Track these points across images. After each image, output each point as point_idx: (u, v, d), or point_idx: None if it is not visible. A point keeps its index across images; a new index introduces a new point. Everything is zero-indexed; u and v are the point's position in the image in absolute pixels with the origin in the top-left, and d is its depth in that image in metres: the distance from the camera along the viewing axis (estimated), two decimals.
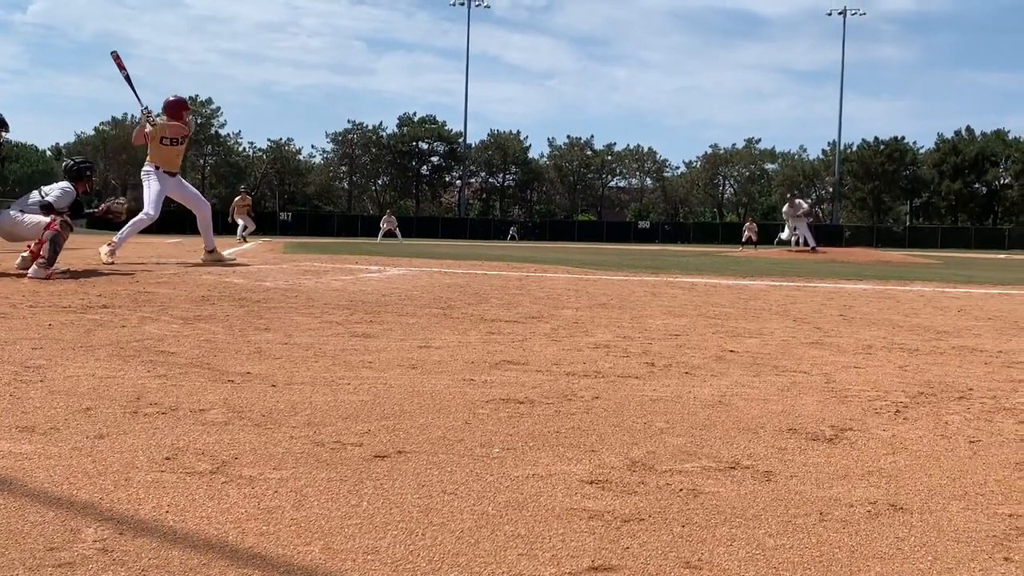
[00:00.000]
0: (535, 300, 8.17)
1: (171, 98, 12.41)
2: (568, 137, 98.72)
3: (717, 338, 5.69)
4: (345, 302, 7.41)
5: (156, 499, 2.25)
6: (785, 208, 29.25)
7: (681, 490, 2.43)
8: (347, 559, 1.90)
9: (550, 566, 1.88)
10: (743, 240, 43.99)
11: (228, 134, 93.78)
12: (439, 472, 2.55)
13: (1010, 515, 2.29)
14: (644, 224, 79.27)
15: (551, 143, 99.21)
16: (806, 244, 28.05)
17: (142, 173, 12.17)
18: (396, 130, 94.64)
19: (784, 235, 29.32)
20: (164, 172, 11.95)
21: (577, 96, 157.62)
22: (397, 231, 46.44)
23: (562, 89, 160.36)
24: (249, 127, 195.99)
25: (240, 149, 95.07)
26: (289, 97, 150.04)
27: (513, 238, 67.67)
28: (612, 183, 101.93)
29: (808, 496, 2.41)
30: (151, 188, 11.93)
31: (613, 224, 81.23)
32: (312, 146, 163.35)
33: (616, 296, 8.90)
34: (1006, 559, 1.99)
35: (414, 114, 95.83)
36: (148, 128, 11.73)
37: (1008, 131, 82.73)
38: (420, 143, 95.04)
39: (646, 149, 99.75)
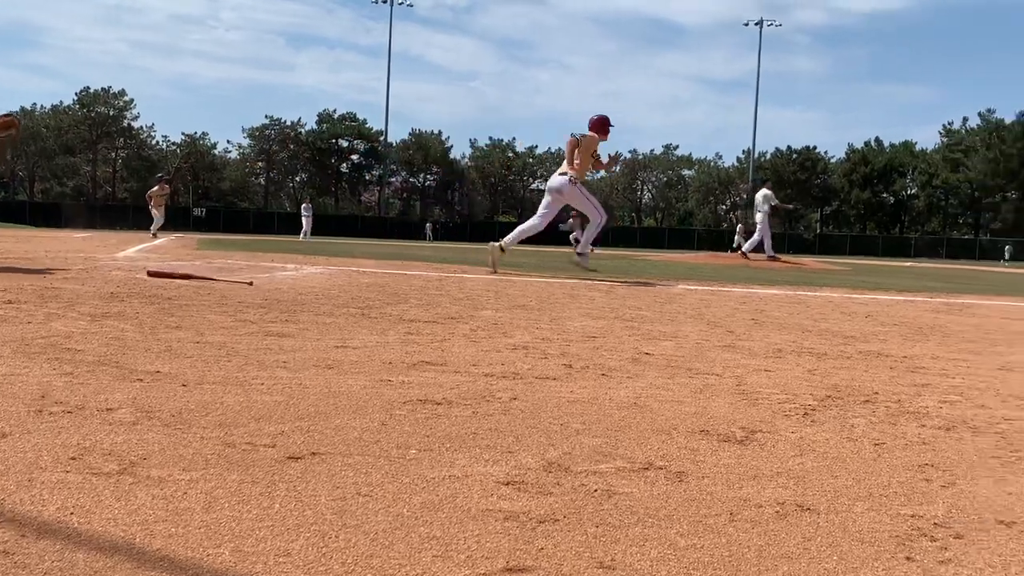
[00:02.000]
0: (454, 301, 8.16)
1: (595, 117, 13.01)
2: (490, 138, 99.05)
3: (633, 340, 5.76)
4: (260, 300, 7.30)
5: (61, 500, 2.18)
6: (758, 198, 25.62)
7: (596, 491, 2.45)
8: (258, 562, 1.87)
9: (464, 567, 1.88)
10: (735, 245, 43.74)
11: (141, 127, 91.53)
12: (354, 473, 2.53)
13: (912, 516, 2.37)
14: (564, 227, 79.72)
15: (473, 144, 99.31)
16: (761, 248, 25.33)
17: (567, 182, 12.73)
18: (315, 127, 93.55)
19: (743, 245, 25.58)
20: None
21: (500, 98, 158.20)
22: (309, 225, 44.37)
23: (484, 90, 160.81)
24: (163, 120, 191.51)
25: (153, 142, 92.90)
26: (205, 90, 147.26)
27: (428, 237, 67.29)
28: (534, 185, 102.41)
29: (719, 496, 2.46)
30: (589, 197, 12.83)
31: None
32: (228, 141, 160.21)
33: (535, 298, 8.95)
34: (908, 559, 2.05)
35: (334, 111, 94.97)
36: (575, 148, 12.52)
37: (915, 143, 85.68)
38: (340, 140, 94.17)
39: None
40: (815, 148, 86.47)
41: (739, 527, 2.22)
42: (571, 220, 26.73)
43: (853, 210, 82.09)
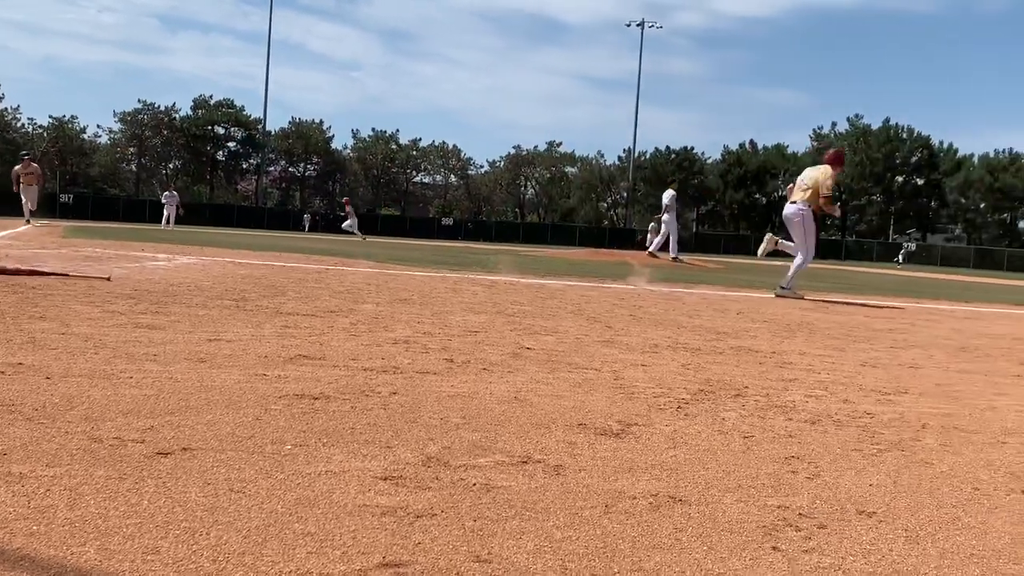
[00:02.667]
0: (334, 294, 8.06)
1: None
2: (373, 130, 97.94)
3: (514, 335, 5.79)
4: (129, 291, 7.06)
5: None
6: (664, 199, 24.82)
7: (474, 485, 2.45)
8: (125, 560, 1.80)
9: (340, 564, 1.85)
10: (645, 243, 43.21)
11: (6, 109, 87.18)
12: (226, 470, 2.46)
13: (779, 507, 2.45)
14: (448, 221, 79.68)
15: (355, 135, 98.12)
16: (665, 248, 24.82)
17: (798, 210, 11.76)
18: (190, 113, 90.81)
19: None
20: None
21: (383, 89, 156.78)
22: (172, 212, 41.98)
23: (367, 81, 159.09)
24: (29, 103, 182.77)
25: (19, 125, 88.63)
26: (75, 73, 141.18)
27: (306, 228, 66.08)
28: (417, 178, 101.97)
29: (595, 489, 2.50)
30: (811, 233, 11.80)
31: (417, 219, 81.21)
32: (98, 125, 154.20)
33: (417, 292, 8.91)
34: (774, 548, 2.12)
35: (211, 97, 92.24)
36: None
37: (787, 146, 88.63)
38: (216, 127, 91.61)
39: (451, 146, 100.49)
40: (692, 149, 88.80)
41: (614, 519, 2.25)
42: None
43: (728, 210, 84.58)
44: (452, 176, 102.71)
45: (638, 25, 76.20)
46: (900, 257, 62.68)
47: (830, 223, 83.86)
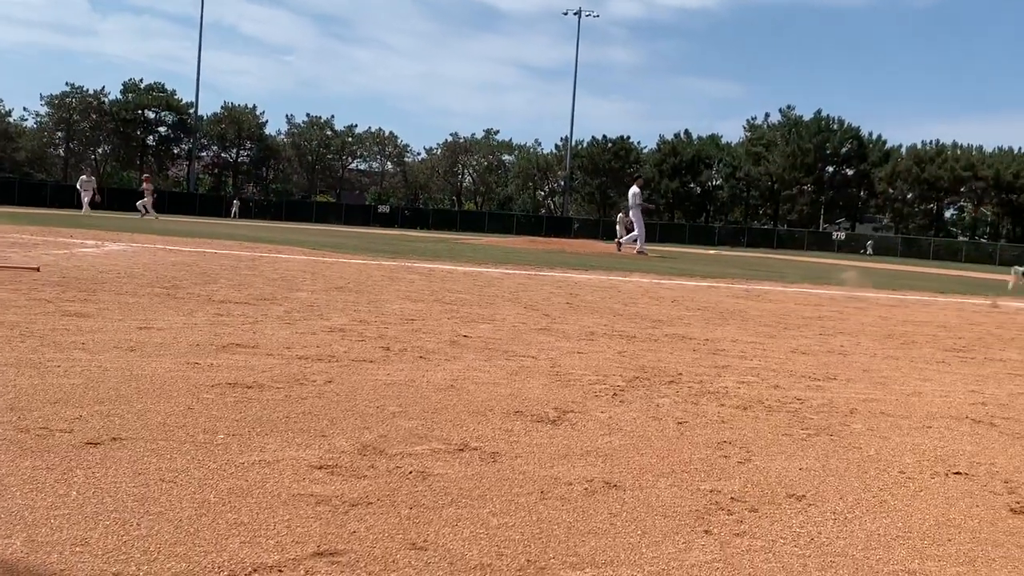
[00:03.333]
0: (268, 282, 7.96)
1: None
2: (308, 115, 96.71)
3: (452, 323, 5.78)
4: (57, 278, 6.89)
5: None
6: (630, 194, 24.69)
7: (411, 473, 2.45)
8: (53, 552, 1.76)
9: (274, 553, 1.84)
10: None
11: None
12: (157, 459, 2.42)
13: (711, 491, 2.49)
14: (384, 208, 79.11)
15: (289, 120, 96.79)
16: (634, 242, 24.45)
17: None
18: (120, 96, 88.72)
19: None
20: None
21: (317, 74, 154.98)
22: (89, 198, 39.91)
23: (301, 66, 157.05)
24: None
25: None
26: (0, 55, 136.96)
27: (234, 215, 64.91)
28: (352, 165, 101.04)
29: (531, 475, 2.51)
30: None
31: (352, 207, 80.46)
32: (24, 108, 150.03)
33: (353, 280, 8.84)
34: (706, 532, 2.15)
35: (141, 81, 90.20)
36: None
37: (721, 136, 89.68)
38: (147, 112, 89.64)
39: (387, 133, 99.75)
40: (629, 138, 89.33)
41: (550, 505, 2.27)
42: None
43: (663, 199, 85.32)
44: (388, 163, 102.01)
45: (575, 14, 76.26)
46: (868, 249, 63.98)
47: (762, 212, 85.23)
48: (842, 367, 5.05)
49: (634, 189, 25.01)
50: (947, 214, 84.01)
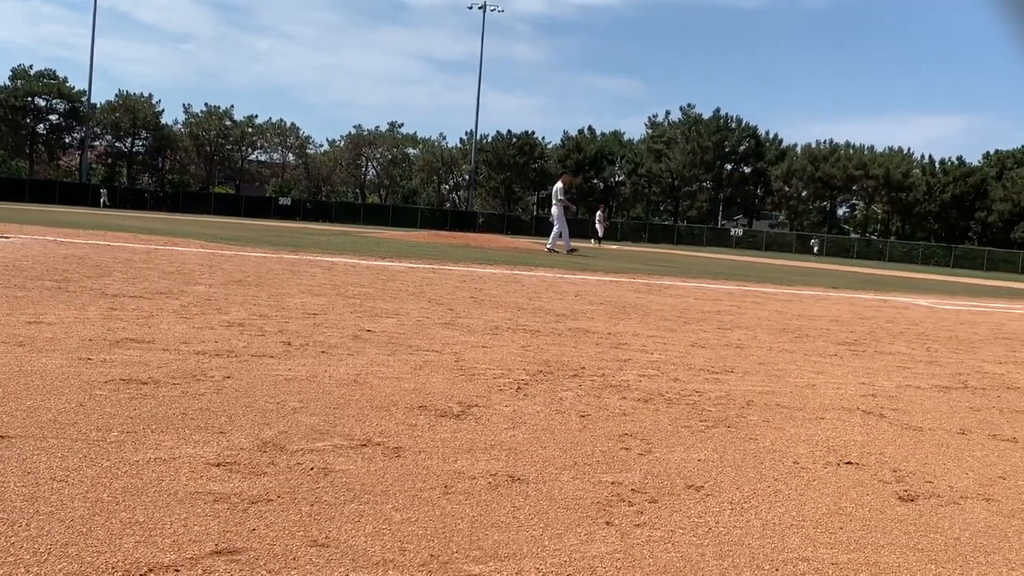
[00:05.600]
0: (164, 275, 7.75)
1: None
2: (206, 105, 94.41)
3: (355, 318, 5.73)
4: None
5: None
6: (554, 191, 24.54)
7: (312, 469, 2.42)
8: None
9: (170, 552, 1.79)
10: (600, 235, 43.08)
11: None
12: (48, 458, 2.34)
13: (612, 482, 2.52)
14: (285, 201, 77.85)
15: (187, 110, 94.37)
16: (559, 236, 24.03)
17: None
18: (8, 83, 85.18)
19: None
20: None
21: (217, 63, 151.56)
22: None
23: (200, 55, 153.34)
24: None
25: None
26: None
27: (105, 205, 62.79)
28: (253, 156, 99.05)
29: (435, 470, 2.50)
30: None
31: (252, 199, 78.91)
32: None
33: (253, 273, 8.68)
34: (608, 523, 2.18)
35: (30, 67, 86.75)
36: None
37: (624, 133, 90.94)
38: (36, 99, 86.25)
39: (289, 124, 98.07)
40: (533, 133, 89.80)
41: (453, 499, 2.26)
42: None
43: (567, 195, 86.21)
44: (290, 155, 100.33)
45: (480, 8, 76.25)
46: (814, 247, 65.56)
47: (663, 208, 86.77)
48: (739, 360, 5.18)
49: (558, 185, 25.00)
50: (839, 211, 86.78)
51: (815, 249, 64.26)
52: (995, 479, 2.93)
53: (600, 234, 43.50)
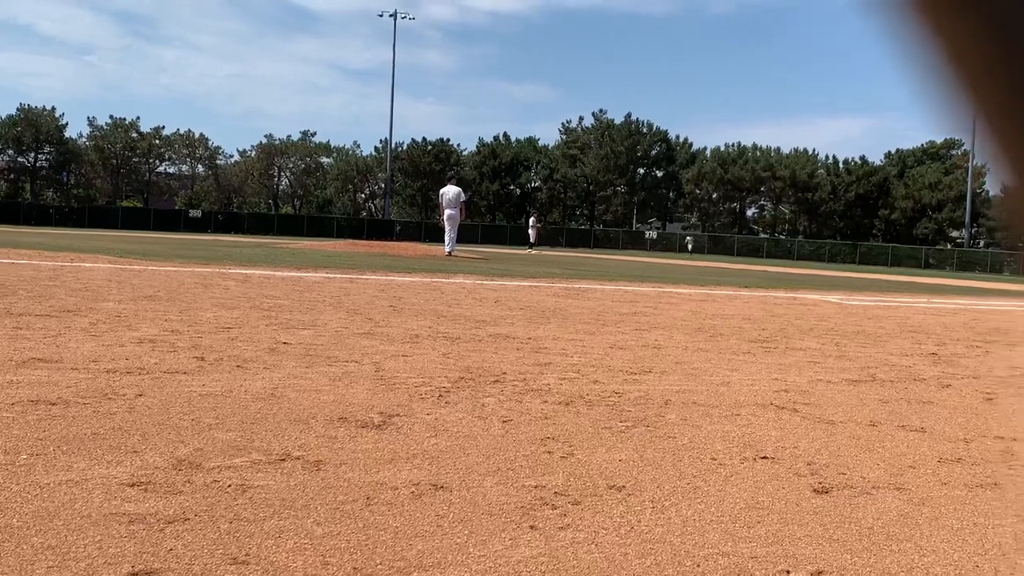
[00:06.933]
0: (71, 292, 7.53)
1: None
2: (111, 117, 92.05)
3: (271, 330, 5.64)
4: None
5: None
6: (451, 195, 24.22)
7: (230, 486, 2.37)
8: None
9: (85, 575, 1.74)
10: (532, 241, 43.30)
11: None
12: None
13: (536, 487, 2.53)
14: (196, 213, 76.22)
15: (92, 123, 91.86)
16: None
17: None
18: None
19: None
20: None
21: (121, 75, 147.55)
22: None
23: (104, 66, 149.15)
24: None
25: None
26: None
27: None
28: (161, 169, 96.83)
29: (356, 482, 2.48)
30: None
31: (162, 212, 77.10)
32: None
33: (164, 288, 8.49)
34: (532, 527, 2.19)
35: None
36: None
37: (539, 139, 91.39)
38: None
39: (198, 135, 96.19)
40: (449, 140, 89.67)
41: (376, 511, 2.25)
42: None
43: (484, 201, 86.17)
44: (200, 166, 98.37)
45: (391, 16, 75.89)
46: (689, 246, 66.44)
47: (579, 213, 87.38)
48: (657, 360, 5.25)
49: (458, 188, 25.10)
50: (749, 212, 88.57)
51: (689, 247, 65.50)
52: (905, 468, 3.03)
53: (533, 240, 43.97)
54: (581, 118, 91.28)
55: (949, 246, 68.84)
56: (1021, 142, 0.34)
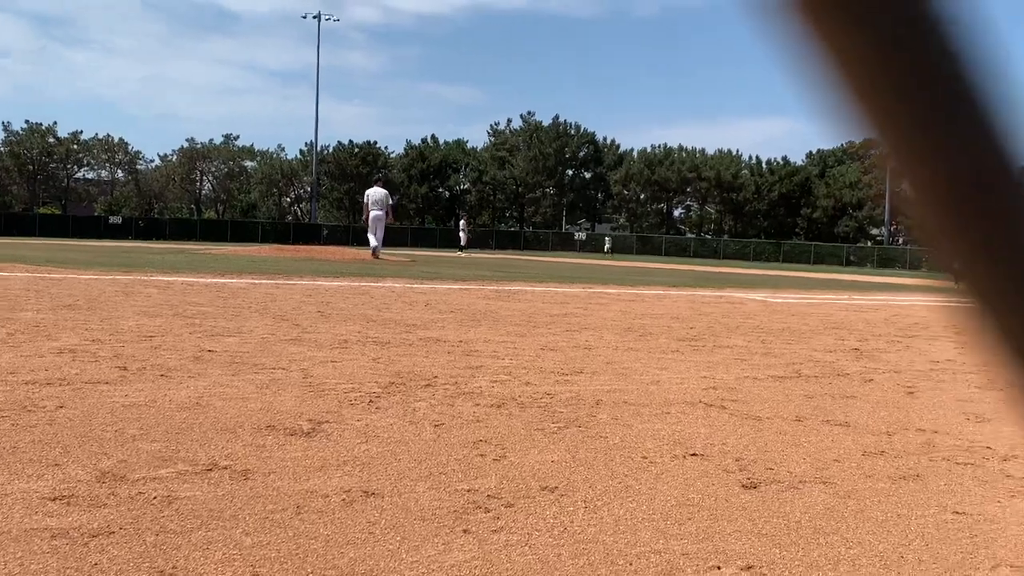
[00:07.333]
0: None
1: None
2: (27, 122, 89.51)
3: (195, 338, 5.54)
4: None
5: None
6: (379, 197, 23.85)
7: (155, 498, 2.32)
8: None
9: None
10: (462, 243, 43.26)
11: None
12: None
13: (468, 490, 2.52)
14: (116, 219, 74.50)
15: (6, 128, 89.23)
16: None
17: None
18: None
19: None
20: None
21: (36, 78, 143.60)
22: None
23: (18, 69, 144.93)
24: None
25: None
26: None
27: None
28: (79, 174, 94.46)
29: (286, 491, 2.44)
30: None
31: (81, 218, 75.21)
32: None
33: (84, 296, 8.27)
34: (465, 531, 2.18)
35: None
36: None
37: (467, 141, 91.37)
38: None
39: (117, 139, 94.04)
40: (376, 143, 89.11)
41: (306, 519, 2.22)
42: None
43: (413, 204, 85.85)
44: (119, 171, 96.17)
45: (314, 17, 75.12)
46: (606, 247, 66.78)
47: (508, 215, 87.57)
48: (588, 361, 5.28)
49: (384, 190, 25.10)
50: (676, 213, 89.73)
51: (606, 247, 66.10)
52: (830, 462, 3.09)
53: (463, 243, 44.06)
54: (509, 120, 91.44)
55: (870, 244, 70.63)
56: (909, 148, 0.34)
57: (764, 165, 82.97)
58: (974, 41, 0.33)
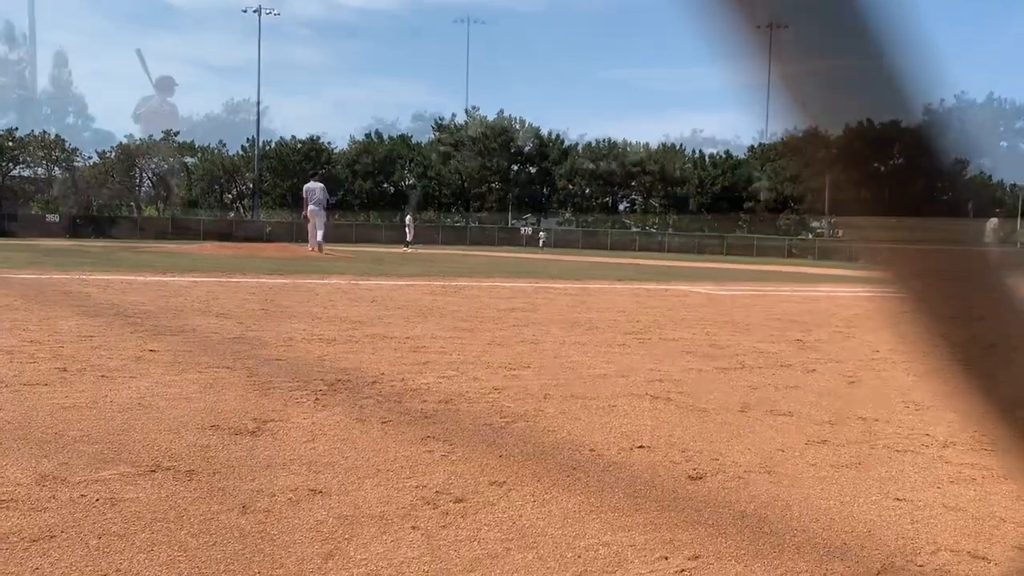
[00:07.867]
0: None
1: None
2: None
3: (136, 338, 5.45)
4: None
5: None
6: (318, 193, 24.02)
7: (98, 500, 2.28)
8: None
9: None
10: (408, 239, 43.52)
11: None
12: None
13: (416, 487, 2.52)
14: (53, 217, 73.04)
15: None
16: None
17: None
18: None
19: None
20: None
21: None
22: None
23: None
24: None
25: None
26: None
27: None
28: (15, 172, 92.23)
29: (231, 491, 2.41)
30: None
31: (17, 216, 73.52)
32: None
33: (20, 296, 8.09)
34: (414, 528, 2.18)
35: None
36: None
37: (411, 136, 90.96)
38: None
39: (53, 136, 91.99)
40: (319, 138, 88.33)
41: (252, 519, 2.19)
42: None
43: (357, 199, 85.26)
44: (56, 169, 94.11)
45: (255, 12, 74.30)
46: (541, 242, 66.86)
47: (454, 210, 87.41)
48: (535, 356, 5.29)
49: (322, 184, 25.27)
50: (621, 207, 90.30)
51: (541, 243, 66.35)
52: (775, 452, 3.14)
53: (408, 238, 44.01)
54: (454, 115, 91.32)
55: (811, 236, 71.72)
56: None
57: (707, 159, 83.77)
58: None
